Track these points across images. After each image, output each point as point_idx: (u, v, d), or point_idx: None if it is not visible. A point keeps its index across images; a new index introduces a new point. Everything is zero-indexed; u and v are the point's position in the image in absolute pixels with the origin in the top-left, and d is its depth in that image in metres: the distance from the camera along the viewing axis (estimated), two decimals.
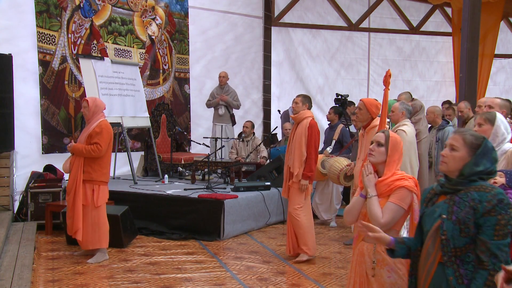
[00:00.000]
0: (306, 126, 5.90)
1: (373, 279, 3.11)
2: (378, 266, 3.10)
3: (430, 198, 2.68)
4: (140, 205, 7.31)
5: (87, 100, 5.84)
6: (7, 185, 7.31)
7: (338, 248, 6.62)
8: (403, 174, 3.18)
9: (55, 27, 8.55)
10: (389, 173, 3.16)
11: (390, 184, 3.11)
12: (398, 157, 3.21)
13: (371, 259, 3.13)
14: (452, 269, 2.48)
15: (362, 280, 3.17)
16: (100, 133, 5.68)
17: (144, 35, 10.11)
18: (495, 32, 12.72)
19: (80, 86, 8.81)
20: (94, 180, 5.72)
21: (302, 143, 5.87)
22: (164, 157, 9.08)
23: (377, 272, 3.10)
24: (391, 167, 3.18)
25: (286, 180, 6.06)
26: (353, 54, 13.17)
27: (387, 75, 4.87)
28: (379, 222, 3.05)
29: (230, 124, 10.13)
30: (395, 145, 3.21)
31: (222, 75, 10.08)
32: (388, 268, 3.08)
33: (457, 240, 2.47)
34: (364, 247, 3.18)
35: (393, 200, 3.07)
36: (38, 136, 8.34)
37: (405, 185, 3.08)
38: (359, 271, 3.19)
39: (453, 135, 2.62)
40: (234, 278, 5.37)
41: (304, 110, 6.02)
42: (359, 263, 3.20)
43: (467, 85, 8.00)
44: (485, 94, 12.61)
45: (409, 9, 13.47)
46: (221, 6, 11.47)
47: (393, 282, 3.08)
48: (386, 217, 3.05)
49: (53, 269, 5.55)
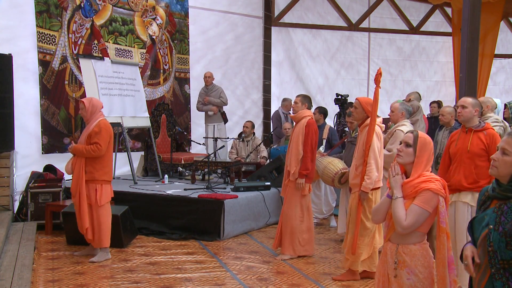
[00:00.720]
0: (304, 125, 5.96)
1: (393, 279, 3.12)
2: (399, 267, 3.10)
3: (484, 201, 2.57)
4: (140, 205, 7.31)
5: (83, 102, 5.83)
6: (7, 185, 7.31)
7: (338, 248, 6.62)
8: (431, 176, 3.11)
9: (55, 27, 8.55)
10: (416, 174, 3.11)
11: (416, 186, 3.07)
12: (426, 158, 3.15)
13: (393, 260, 3.13)
14: (501, 282, 2.37)
15: (384, 279, 3.19)
16: (99, 132, 5.69)
17: (144, 35, 10.11)
18: (495, 32, 12.71)
19: (81, 86, 8.81)
20: (96, 179, 5.74)
21: (299, 141, 5.94)
22: (164, 157, 9.08)
23: (398, 273, 3.10)
24: (418, 168, 3.13)
25: (285, 179, 6.12)
26: (353, 54, 13.18)
27: (378, 73, 4.94)
28: (401, 224, 3.03)
29: (222, 122, 10.17)
30: (424, 145, 3.16)
31: (207, 75, 10.14)
32: (407, 270, 3.08)
33: (504, 253, 2.36)
34: (388, 247, 3.19)
35: (417, 203, 3.03)
36: (38, 136, 8.34)
37: (430, 188, 3.03)
38: (382, 271, 3.21)
39: (506, 138, 2.50)
40: (234, 278, 5.37)
41: (303, 110, 6.07)
42: (383, 263, 3.22)
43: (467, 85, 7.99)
44: (485, 94, 12.60)
45: (409, 9, 13.48)
46: (221, 6, 11.48)
47: (412, 285, 3.07)
48: (409, 220, 3.02)
49: (53, 269, 5.55)
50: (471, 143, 4.74)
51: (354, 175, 5.30)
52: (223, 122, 10.20)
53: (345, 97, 8.96)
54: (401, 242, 3.12)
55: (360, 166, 5.18)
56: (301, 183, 5.93)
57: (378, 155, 5.14)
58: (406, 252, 3.09)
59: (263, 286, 5.15)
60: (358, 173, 5.22)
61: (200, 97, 10.18)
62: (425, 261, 3.09)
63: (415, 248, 3.09)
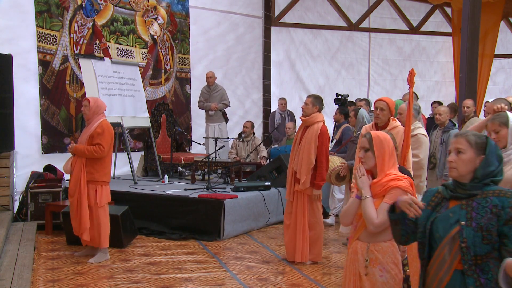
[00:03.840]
0: (317, 132, 5.65)
1: (365, 278, 3.13)
2: (370, 265, 3.12)
3: (438, 202, 2.57)
4: (140, 205, 7.31)
5: (88, 100, 5.84)
6: (7, 185, 7.31)
7: (338, 248, 6.63)
8: (398, 174, 3.14)
9: (56, 27, 8.55)
10: (383, 173, 3.13)
11: (385, 185, 3.10)
12: (388, 155, 3.15)
13: (364, 258, 3.14)
14: (472, 279, 2.40)
15: (355, 278, 3.18)
16: (102, 133, 5.69)
17: (146, 35, 10.12)
18: (495, 32, 12.72)
19: (82, 86, 8.80)
20: (96, 180, 5.73)
21: (311, 150, 5.65)
22: (164, 157, 9.08)
23: (370, 271, 3.11)
24: (382, 167, 3.14)
25: (291, 183, 5.88)
26: (353, 54, 13.19)
27: (410, 74, 4.52)
28: (373, 223, 3.05)
29: (224, 122, 10.16)
30: (380, 144, 3.16)
31: (209, 75, 10.10)
32: (380, 268, 3.10)
33: (479, 248, 2.38)
34: (358, 246, 3.20)
35: (387, 201, 3.05)
36: (38, 136, 8.35)
37: (399, 185, 3.07)
38: (353, 270, 3.21)
39: (455, 139, 2.55)
40: (234, 278, 5.37)
41: (315, 113, 5.73)
42: (353, 262, 3.21)
43: (467, 85, 8.00)
44: (485, 94, 12.62)
45: (409, 9, 13.49)
46: (222, 6, 11.48)
47: (384, 282, 3.09)
48: (381, 218, 3.04)
49: (53, 269, 5.55)
50: None
51: None
52: (224, 122, 10.20)
53: (345, 97, 8.95)
54: (372, 241, 3.14)
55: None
56: (318, 195, 5.73)
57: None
58: (378, 250, 3.11)
59: (263, 286, 5.15)
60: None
61: (202, 96, 10.16)
62: (395, 258, 3.13)
63: (386, 245, 3.12)
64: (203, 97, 10.15)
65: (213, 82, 10.09)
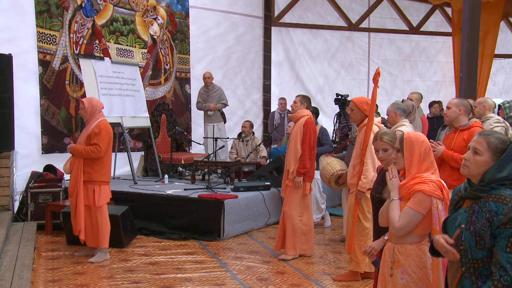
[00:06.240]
0: (302, 124, 6.04)
1: (389, 278, 3.14)
2: (394, 266, 3.12)
3: (457, 201, 2.56)
4: (140, 205, 7.31)
5: (83, 102, 5.82)
6: (7, 185, 7.31)
7: (338, 248, 6.63)
8: (426, 177, 3.05)
9: (56, 27, 8.55)
10: (410, 175, 3.08)
11: (410, 188, 3.04)
12: (418, 158, 3.09)
13: (390, 259, 3.15)
14: (470, 281, 2.40)
15: (382, 278, 3.22)
16: (99, 133, 5.68)
17: (146, 35, 10.12)
18: (495, 32, 12.72)
19: (82, 86, 8.80)
20: (94, 180, 5.73)
21: (297, 140, 6.01)
22: (164, 157, 9.08)
23: (394, 272, 3.12)
24: (410, 169, 3.09)
25: (285, 179, 6.15)
26: (353, 54, 13.18)
27: (376, 73, 5.00)
28: (394, 226, 3.05)
29: (222, 122, 10.17)
30: (410, 145, 3.11)
31: (207, 76, 10.11)
32: (401, 270, 3.09)
33: (474, 252, 2.38)
34: (387, 246, 3.22)
35: (410, 205, 3.02)
36: (38, 136, 8.34)
37: (422, 189, 2.99)
38: (382, 270, 3.25)
39: (477, 138, 2.49)
40: (234, 278, 5.37)
41: (301, 109, 6.15)
42: (383, 262, 3.25)
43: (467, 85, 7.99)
44: (485, 94, 12.61)
45: (409, 9, 13.49)
46: (222, 6, 11.48)
47: (405, 284, 3.07)
48: (401, 221, 3.02)
49: (53, 269, 5.55)
50: (455, 142, 4.99)
51: (351, 174, 5.31)
52: (223, 122, 10.21)
53: (345, 97, 8.95)
54: (398, 242, 3.13)
55: (358, 166, 5.19)
56: (299, 181, 5.96)
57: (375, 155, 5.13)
58: (401, 252, 3.10)
59: (263, 286, 5.15)
60: (355, 173, 5.23)
61: (200, 97, 10.17)
62: (420, 262, 3.06)
63: (411, 248, 3.08)
64: (201, 97, 10.16)
65: (211, 82, 10.10)
